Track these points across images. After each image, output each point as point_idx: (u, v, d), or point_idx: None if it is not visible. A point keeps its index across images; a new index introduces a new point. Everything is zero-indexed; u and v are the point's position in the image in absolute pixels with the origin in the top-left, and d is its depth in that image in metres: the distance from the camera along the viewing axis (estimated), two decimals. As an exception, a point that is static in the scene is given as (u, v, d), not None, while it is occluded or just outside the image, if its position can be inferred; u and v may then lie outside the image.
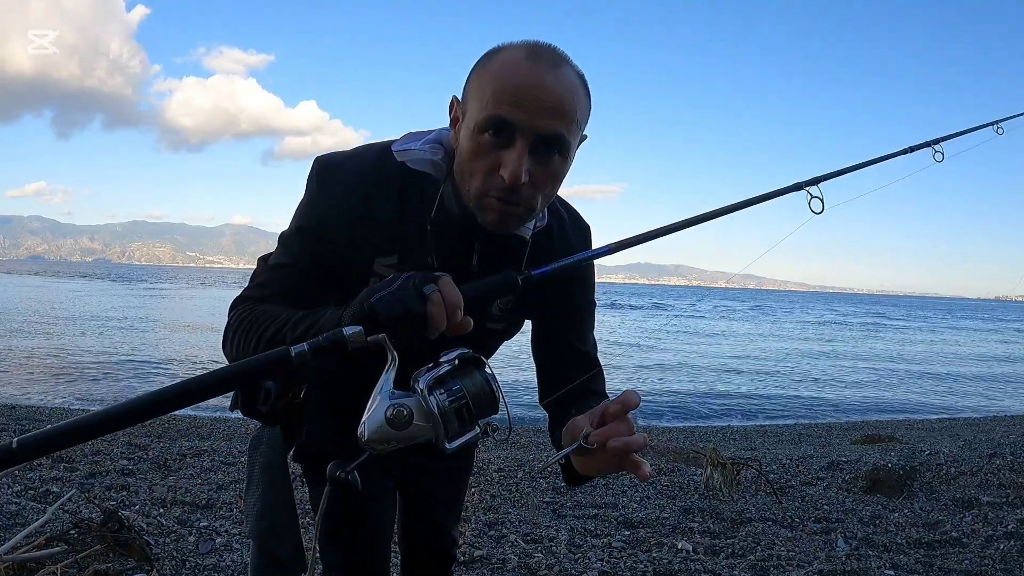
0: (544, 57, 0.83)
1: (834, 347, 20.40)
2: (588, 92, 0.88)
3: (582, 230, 1.05)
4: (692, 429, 6.87)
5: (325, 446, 1.06)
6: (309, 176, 0.96)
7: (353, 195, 0.93)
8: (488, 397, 0.67)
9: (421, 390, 0.65)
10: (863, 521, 3.09)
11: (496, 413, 0.68)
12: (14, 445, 0.54)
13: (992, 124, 1.42)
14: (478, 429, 0.67)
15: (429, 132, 0.98)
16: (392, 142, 0.96)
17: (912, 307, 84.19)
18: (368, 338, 0.66)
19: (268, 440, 0.97)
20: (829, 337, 25.13)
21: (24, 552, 1.96)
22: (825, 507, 3.28)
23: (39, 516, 2.29)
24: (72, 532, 2.13)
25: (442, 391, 0.66)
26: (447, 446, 0.66)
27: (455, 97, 0.91)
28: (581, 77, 0.86)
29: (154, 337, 14.53)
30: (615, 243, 0.92)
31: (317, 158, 0.96)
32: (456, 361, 0.68)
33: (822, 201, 1.04)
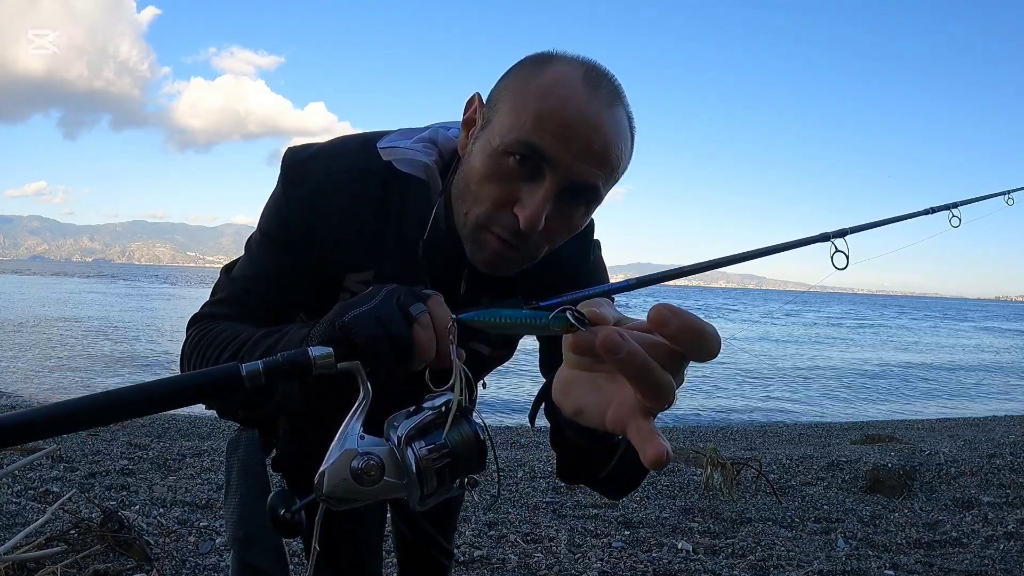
0: (604, 88, 0.69)
1: (834, 346, 20.39)
2: (634, 140, 0.74)
3: (583, 231, 0.90)
4: (692, 429, 6.87)
5: (297, 461, 0.97)
6: (280, 171, 0.82)
7: (322, 197, 0.78)
8: (475, 454, 0.55)
9: (398, 439, 0.53)
10: (863, 521, 3.09)
11: (481, 470, 0.56)
12: None
13: (1004, 194, 1.44)
14: (456, 485, 0.56)
15: (422, 129, 0.84)
16: (376, 136, 0.83)
17: (919, 308, 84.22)
18: (339, 364, 0.54)
19: (246, 444, 0.87)
20: (830, 336, 25.13)
21: (24, 552, 1.96)
22: (825, 507, 3.28)
23: (39, 516, 2.28)
24: (72, 532, 2.13)
25: (422, 443, 0.53)
26: (418, 506, 0.54)
27: (478, 96, 0.76)
28: (632, 121, 0.74)
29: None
30: (635, 279, 0.82)
31: (288, 149, 0.82)
32: (443, 408, 0.55)
33: (846, 256, 0.98)
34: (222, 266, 0.91)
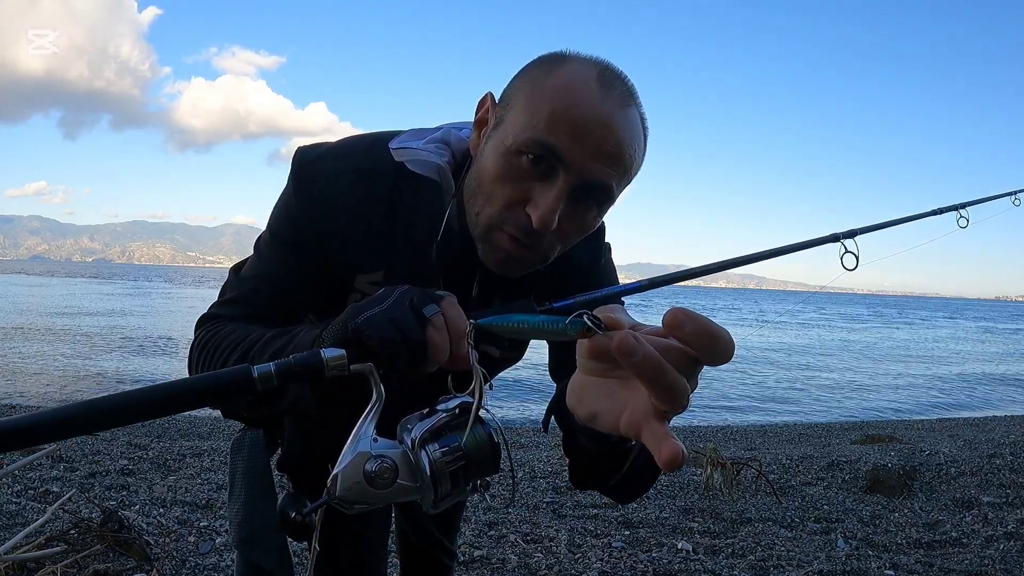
0: (617, 89, 0.69)
1: (834, 346, 20.40)
2: (647, 142, 0.74)
3: (595, 233, 0.87)
4: (692, 429, 6.87)
5: (302, 461, 0.97)
6: (290, 171, 0.81)
7: (330, 198, 0.78)
8: (489, 457, 0.55)
9: (412, 441, 0.53)
10: (863, 521, 3.09)
11: (495, 473, 0.56)
12: None
13: (1011, 194, 1.44)
14: (469, 487, 0.56)
15: (434, 130, 0.84)
16: (387, 135, 0.82)
17: (922, 307, 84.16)
18: (352, 366, 0.53)
19: (250, 443, 0.87)
20: (832, 336, 25.13)
21: (24, 552, 1.96)
22: (825, 507, 3.28)
23: (39, 516, 2.28)
24: (72, 532, 2.13)
25: (436, 445, 0.53)
26: (431, 509, 0.54)
27: (490, 95, 0.76)
28: (645, 122, 0.73)
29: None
30: (646, 280, 0.82)
31: (298, 149, 0.82)
32: (456, 411, 0.54)
33: (856, 257, 0.97)
34: (230, 266, 0.91)
